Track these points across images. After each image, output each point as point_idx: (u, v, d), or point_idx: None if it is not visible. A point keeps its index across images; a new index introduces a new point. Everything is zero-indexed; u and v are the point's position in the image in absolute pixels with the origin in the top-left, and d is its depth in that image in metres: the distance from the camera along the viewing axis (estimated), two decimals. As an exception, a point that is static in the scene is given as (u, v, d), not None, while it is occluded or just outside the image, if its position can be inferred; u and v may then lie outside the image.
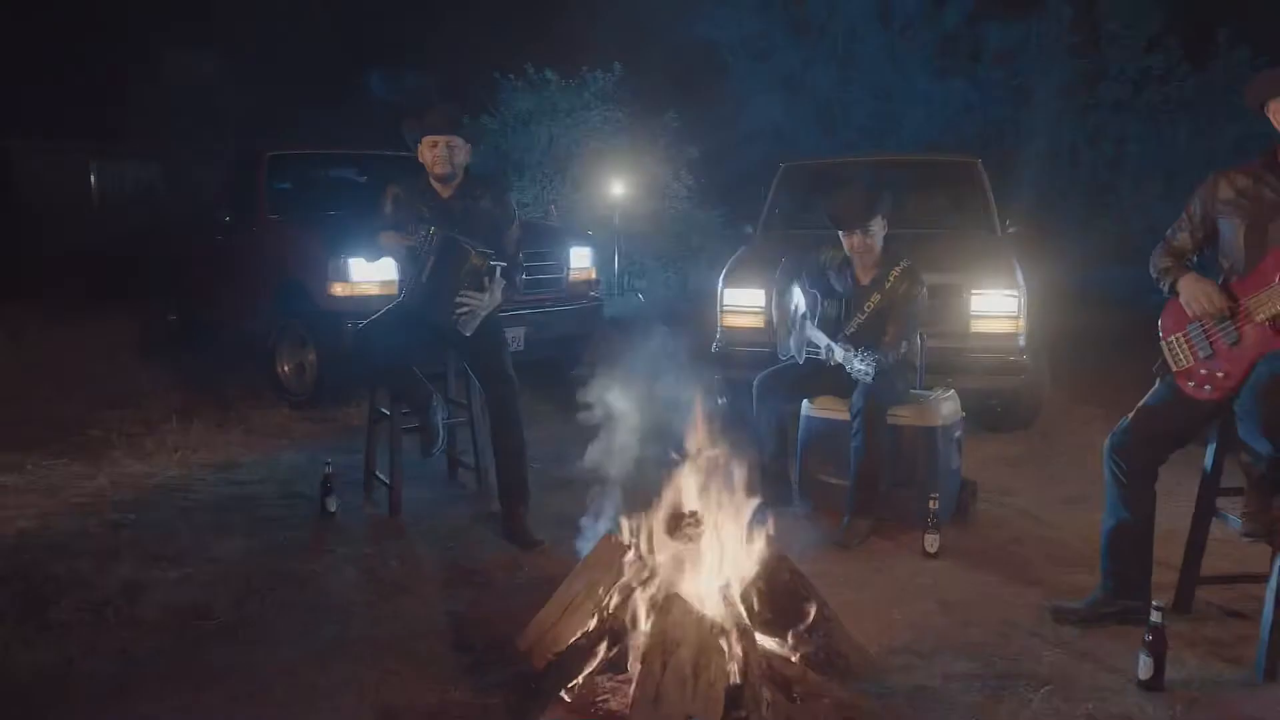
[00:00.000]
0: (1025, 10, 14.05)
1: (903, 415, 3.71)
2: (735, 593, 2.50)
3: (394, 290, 5.40)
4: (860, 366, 3.47)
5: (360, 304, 5.42)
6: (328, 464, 3.97)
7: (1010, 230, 5.64)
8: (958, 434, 3.85)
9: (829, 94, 14.74)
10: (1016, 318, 4.67)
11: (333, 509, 3.95)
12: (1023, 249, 5.27)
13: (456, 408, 4.24)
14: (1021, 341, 4.69)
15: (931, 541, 3.47)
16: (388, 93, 15.85)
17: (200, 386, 6.05)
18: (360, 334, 3.82)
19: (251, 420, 5.44)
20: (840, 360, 3.60)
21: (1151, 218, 13.43)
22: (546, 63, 11.95)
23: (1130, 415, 2.86)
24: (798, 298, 4.07)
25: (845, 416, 3.81)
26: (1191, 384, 2.69)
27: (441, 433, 3.93)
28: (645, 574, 2.56)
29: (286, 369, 5.90)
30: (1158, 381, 2.84)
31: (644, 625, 2.46)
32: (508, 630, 2.91)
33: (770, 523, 2.64)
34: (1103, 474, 2.94)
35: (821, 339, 3.76)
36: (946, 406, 3.81)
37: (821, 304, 3.90)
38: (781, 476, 3.98)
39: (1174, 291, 2.76)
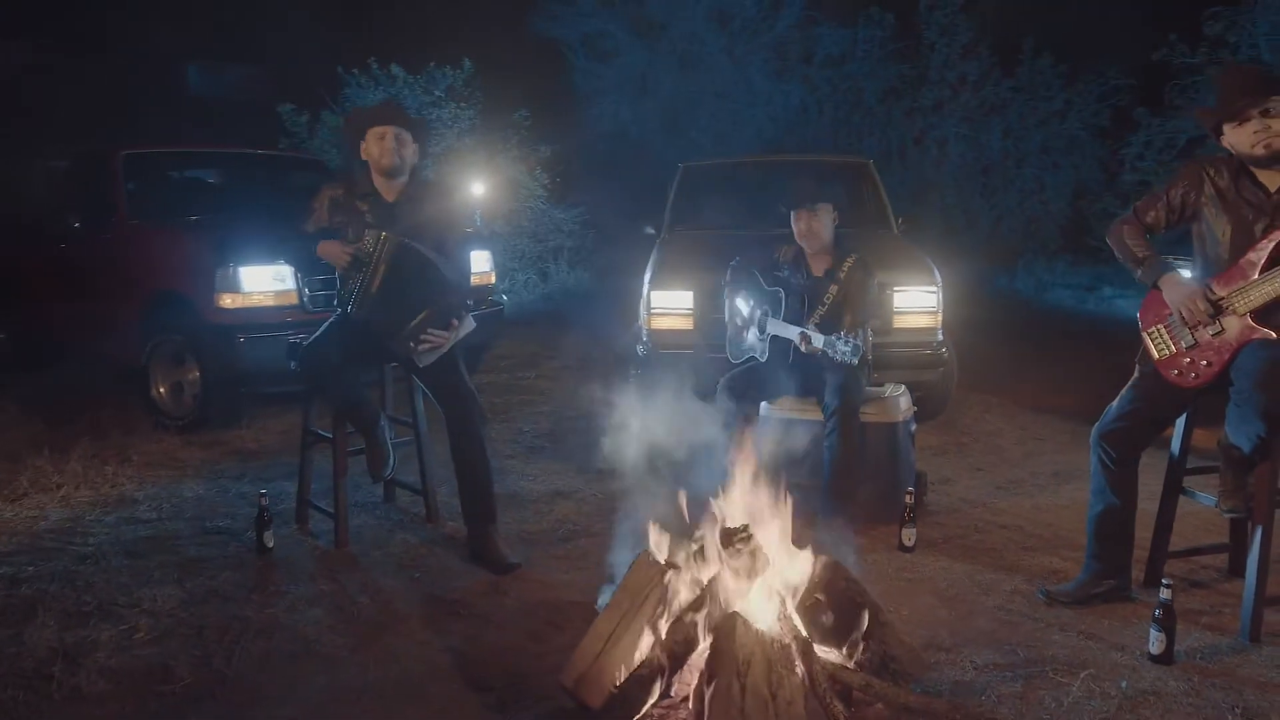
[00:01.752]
0: (852, 17, 14.77)
1: (868, 412, 3.77)
2: (791, 605, 2.45)
3: (291, 300, 5.05)
4: (844, 349, 3.49)
5: (253, 317, 5.00)
6: (263, 494, 3.60)
7: (901, 227, 5.89)
8: (913, 428, 3.96)
9: (673, 94, 14.93)
10: (935, 312, 4.87)
11: (270, 544, 3.59)
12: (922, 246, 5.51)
13: (398, 426, 3.96)
14: (940, 335, 4.89)
15: (909, 535, 3.54)
16: (208, 88, 14.76)
17: (60, 414, 5.37)
18: (307, 354, 3.48)
19: (132, 449, 4.87)
20: (821, 346, 3.60)
21: (972, 213, 14.50)
22: (391, 58, 11.47)
23: (1115, 404, 3.02)
24: (754, 297, 4.06)
25: (807, 417, 3.84)
26: (1176, 372, 2.87)
27: (392, 454, 3.66)
28: (696, 593, 2.46)
29: (162, 390, 5.33)
30: (1137, 370, 3.01)
31: (704, 647, 2.36)
32: (521, 663, 2.76)
33: (820, 530, 2.59)
34: (1090, 461, 3.09)
35: (792, 330, 3.76)
36: (904, 402, 3.92)
37: (785, 300, 3.91)
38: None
39: (1154, 285, 2.93)
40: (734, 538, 2.48)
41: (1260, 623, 2.82)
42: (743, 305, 4.10)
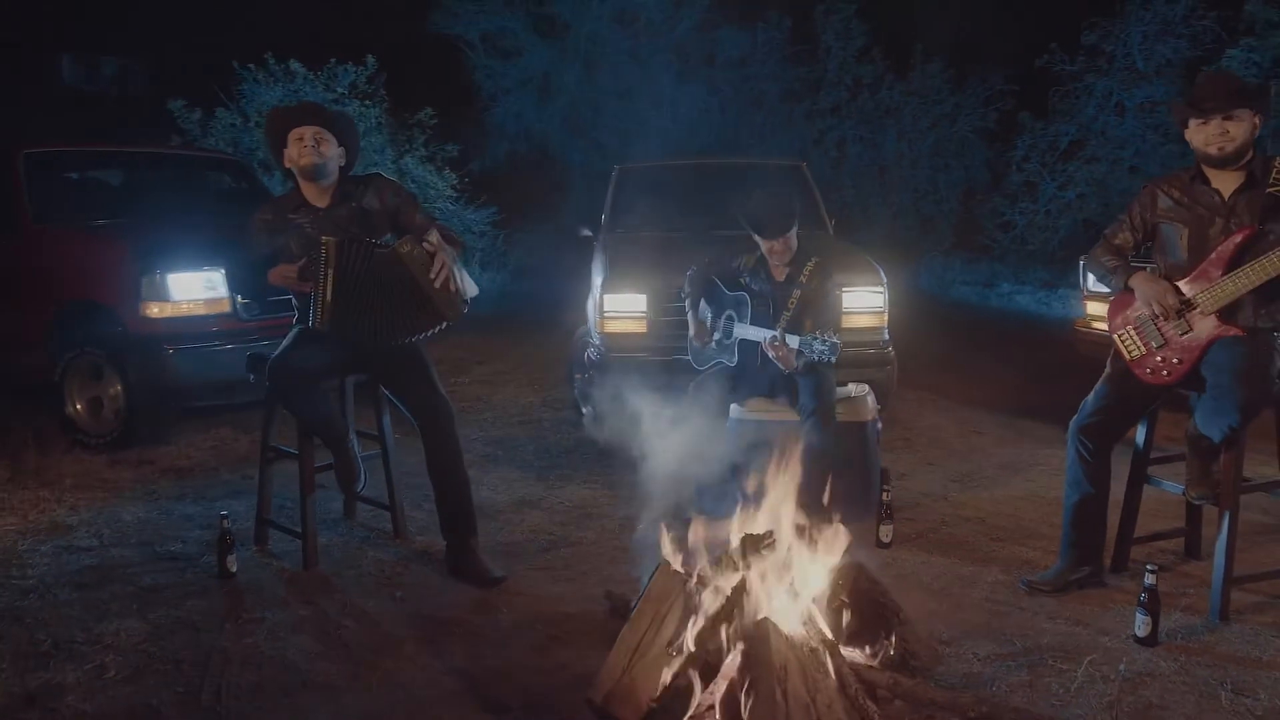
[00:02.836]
0: (752, 19, 15.01)
1: (839, 412, 3.83)
2: (817, 608, 2.47)
3: (223, 308, 4.82)
4: (821, 348, 3.52)
5: (182, 327, 4.74)
6: (224, 515, 3.40)
7: (834, 228, 6.02)
8: (879, 426, 4.05)
9: (576, 95, 14.87)
10: (881, 312, 5.00)
11: (234, 569, 3.40)
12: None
13: (362, 439, 3.81)
14: (886, 335, 5.02)
15: (886, 532, 3.63)
16: (83, 81, 13.87)
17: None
18: (276, 367, 3.30)
19: (52, 472, 4.53)
20: (797, 347, 3.63)
21: (870, 213, 14.95)
22: (287, 53, 11.02)
23: (1091, 400, 3.16)
24: (716, 302, 4.08)
25: (778, 418, 3.87)
26: (1148, 371, 3.02)
27: (363, 468, 3.52)
28: (722, 602, 2.45)
29: (79, 407, 4.98)
30: (1110, 367, 3.16)
31: (734, 655, 2.36)
32: (533, 681, 2.70)
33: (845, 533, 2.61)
34: (1066, 454, 3.23)
35: (763, 333, 3.79)
36: (870, 400, 4.00)
37: (751, 304, 3.93)
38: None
39: (1126, 288, 3.09)
40: (759, 544, 2.48)
41: (1229, 603, 3.00)
42: (706, 311, 4.12)
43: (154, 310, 4.68)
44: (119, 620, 3.06)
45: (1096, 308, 5.50)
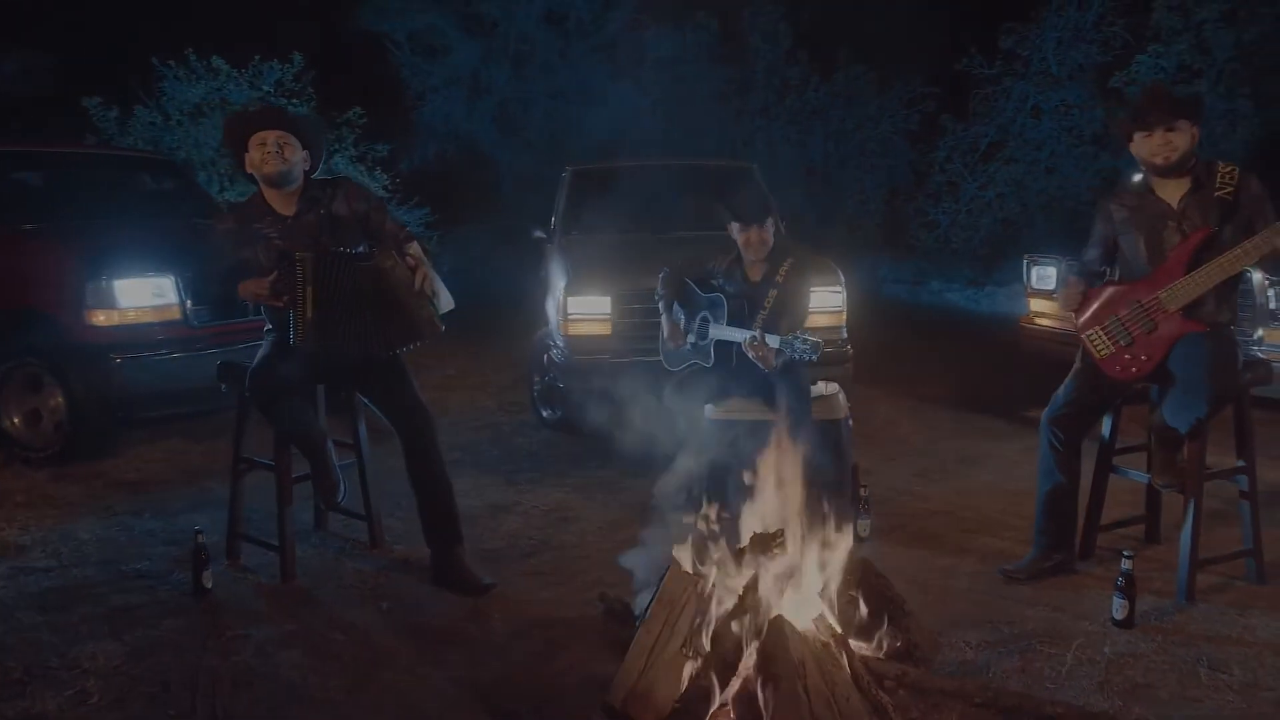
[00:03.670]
0: (681, 20, 15.11)
1: (816, 410, 3.90)
2: (826, 603, 2.51)
3: (173, 315, 4.66)
4: (803, 347, 3.57)
5: (130, 335, 4.57)
6: (199, 531, 3.29)
7: (784, 229, 6.11)
8: (850, 423, 4.14)
9: (506, 95, 14.75)
10: (841, 312, 5.10)
11: (209, 584, 3.29)
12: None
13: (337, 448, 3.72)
14: (845, 333, 5.13)
15: (864, 526, 3.71)
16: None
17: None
18: (256, 376, 3.20)
19: (-9, 489, 4.32)
20: (778, 346, 3.68)
21: (799, 213, 15.20)
22: (212, 49, 10.66)
23: (1062, 393, 3.29)
24: (689, 304, 4.11)
25: (752, 417, 3.91)
26: (1118, 368, 3.16)
27: (342, 479, 3.45)
28: (734, 600, 2.48)
29: (16, 420, 4.74)
30: (1080, 361, 3.29)
31: (749, 652, 2.39)
32: (539, 686, 2.70)
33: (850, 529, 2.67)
34: (1039, 445, 3.35)
35: (742, 333, 3.83)
36: (842, 398, 4.08)
37: (728, 305, 3.97)
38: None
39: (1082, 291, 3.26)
40: (770, 543, 2.52)
41: (1194, 585, 3.16)
42: (679, 313, 4.14)
43: (100, 318, 4.48)
44: (93, 643, 2.94)
45: (1040, 304, 5.73)
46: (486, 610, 3.18)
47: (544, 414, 5.57)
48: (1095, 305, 3.23)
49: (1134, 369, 3.14)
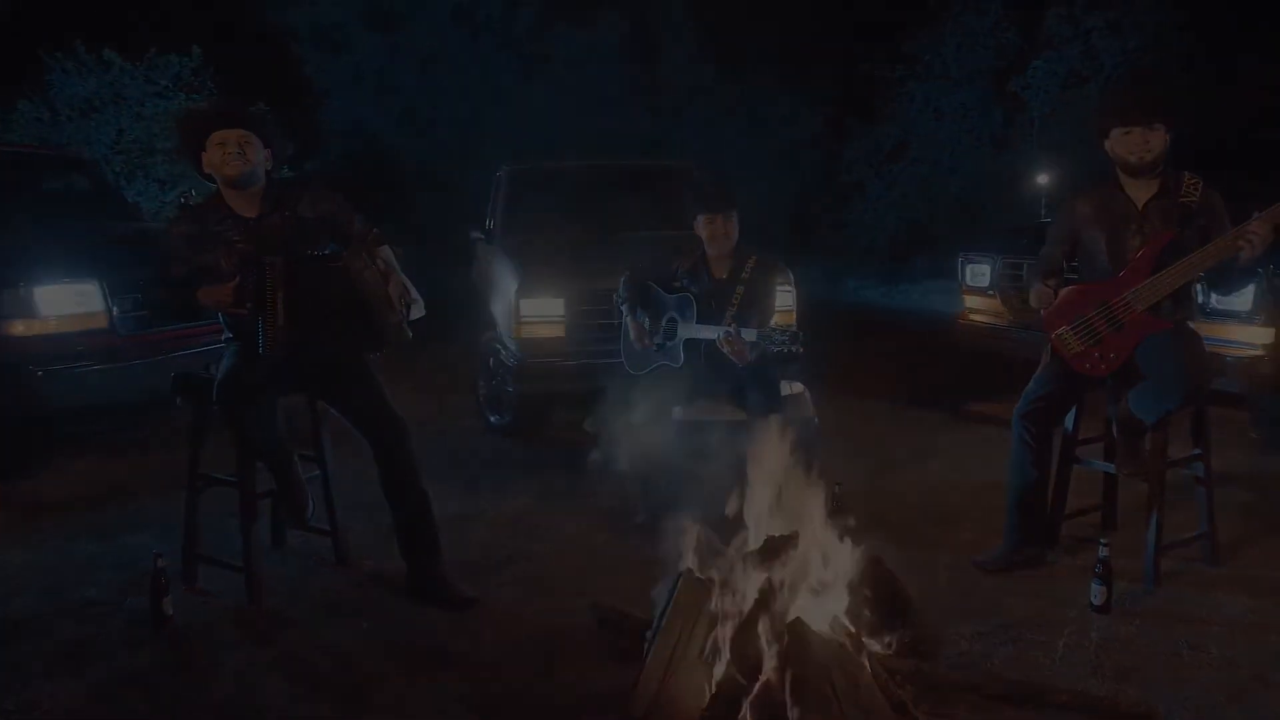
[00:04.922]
0: (589, 19, 15.05)
1: (786, 409, 3.91)
2: (840, 604, 2.52)
3: (99, 323, 4.40)
4: (781, 338, 3.58)
5: (52, 345, 4.27)
6: (158, 554, 3.08)
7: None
8: (816, 421, 4.17)
9: (414, 92, 14.41)
10: (792, 311, 5.15)
11: (170, 611, 3.08)
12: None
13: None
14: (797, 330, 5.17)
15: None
16: None
17: None
18: (224, 387, 3.01)
19: (-99, 516, 3.96)
20: (755, 340, 3.67)
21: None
22: (103, 41, 10.08)
23: (1033, 389, 3.39)
24: (653, 306, 4.08)
25: (720, 417, 3.91)
26: (1087, 365, 3.27)
27: (310, 496, 3.29)
28: (750, 605, 2.46)
29: (-79, 440, 4.37)
30: (1050, 357, 3.39)
31: (769, 656, 2.37)
32: (548, 703, 2.62)
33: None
34: (1011, 440, 3.44)
35: (715, 330, 3.81)
36: (808, 397, 4.12)
37: (697, 305, 3.95)
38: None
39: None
40: (784, 546, 2.51)
41: (1160, 569, 3.30)
42: (645, 316, 4.10)
43: (18, 328, 4.17)
44: (50, 681, 2.72)
45: (974, 301, 5.91)
46: (471, 625, 3.07)
47: (491, 419, 5.45)
48: (1061, 305, 3.33)
49: (1103, 366, 3.25)
